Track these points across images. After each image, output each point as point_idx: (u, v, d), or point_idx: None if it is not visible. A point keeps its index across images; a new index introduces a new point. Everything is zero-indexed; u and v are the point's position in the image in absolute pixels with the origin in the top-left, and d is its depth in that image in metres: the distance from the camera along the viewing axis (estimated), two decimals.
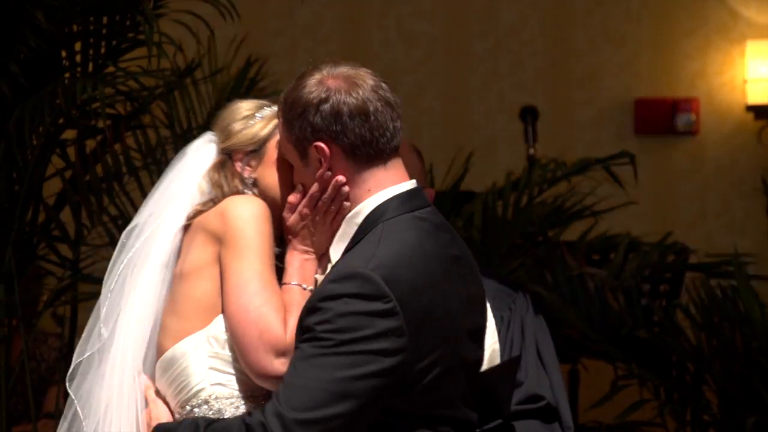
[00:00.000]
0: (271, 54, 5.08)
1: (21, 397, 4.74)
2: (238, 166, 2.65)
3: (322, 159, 2.54)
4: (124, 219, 4.60)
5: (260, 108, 2.70)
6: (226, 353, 2.55)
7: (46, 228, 4.48)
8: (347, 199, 2.55)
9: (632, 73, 6.80)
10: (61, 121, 4.35)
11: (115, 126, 4.48)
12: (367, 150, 2.53)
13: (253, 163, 2.64)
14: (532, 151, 5.25)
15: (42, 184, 4.43)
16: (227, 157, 2.67)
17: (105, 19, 4.41)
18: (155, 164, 4.61)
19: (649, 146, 6.69)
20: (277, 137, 2.63)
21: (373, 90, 2.56)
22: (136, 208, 4.63)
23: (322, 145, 2.53)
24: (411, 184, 2.59)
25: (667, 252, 4.76)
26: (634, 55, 6.80)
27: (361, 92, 2.55)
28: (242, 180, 2.64)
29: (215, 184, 2.64)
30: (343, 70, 2.61)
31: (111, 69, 4.39)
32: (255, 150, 2.65)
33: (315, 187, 2.56)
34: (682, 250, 4.80)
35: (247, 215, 2.56)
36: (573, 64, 6.81)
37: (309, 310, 2.45)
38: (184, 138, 4.68)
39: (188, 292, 2.59)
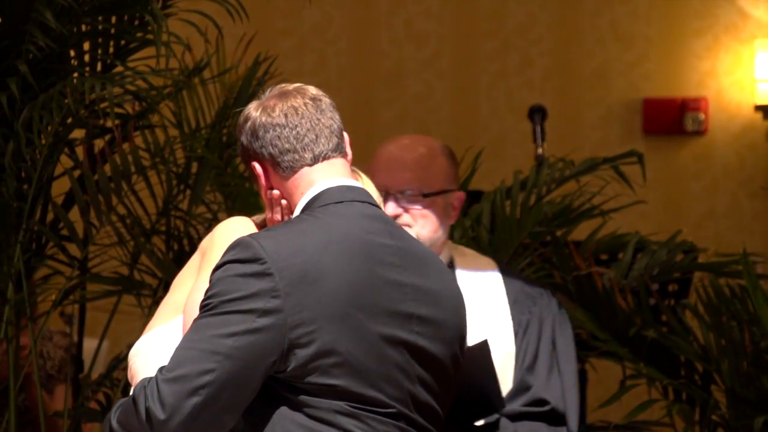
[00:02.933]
0: (280, 53, 5.07)
1: (28, 395, 4.75)
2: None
3: (260, 177, 2.67)
4: (132, 218, 4.60)
5: None
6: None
7: (54, 227, 4.48)
8: (291, 210, 2.66)
9: (641, 72, 6.79)
10: (69, 120, 4.35)
11: (123, 125, 4.48)
12: (290, 157, 2.64)
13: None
14: (540, 150, 5.23)
15: (50, 184, 4.43)
16: None
17: (113, 19, 4.42)
18: (163, 163, 4.61)
19: (657, 146, 6.69)
20: None
21: (294, 100, 2.69)
22: (144, 208, 4.66)
23: (255, 164, 2.67)
24: (346, 181, 2.65)
25: (675, 251, 4.74)
26: (643, 54, 6.79)
27: (278, 107, 2.67)
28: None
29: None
30: (274, 92, 2.73)
31: (119, 68, 4.39)
32: None
33: (267, 207, 2.70)
34: (691, 250, 4.79)
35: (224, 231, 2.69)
36: (581, 64, 6.81)
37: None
38: (192, 137, 4.69)
39: (168, 296, 2.68)
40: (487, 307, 3.56)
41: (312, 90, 2.73)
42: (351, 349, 2.49)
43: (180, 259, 4.48)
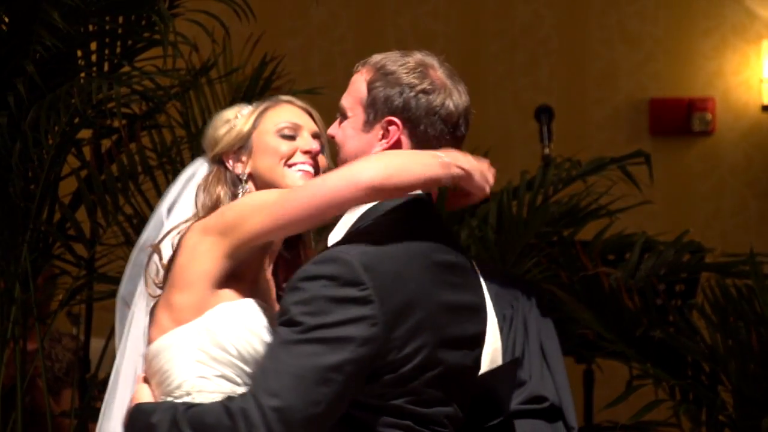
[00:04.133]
0: (287, 53, 5.08)
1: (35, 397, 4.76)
2: (230, 165, 2.77)
3: (386, 136, 2.57)
4: (139, 218, 4.60)
5: (239, 110, 2.84)
6: (214, 349, 2.56)
7: (61, 227, 4.49)
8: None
9: (648, 72, 6.79)
10: (76, 120, 4.36)
11: (130, 125, 4.49)
12: (423, 148, 2.57)
13: (243, 158, 2.75)
14: (547, 150, 5.23)
15: (58, 184, 4.44)
16: (220, 165, 2.79)
17: (120, 19, 4.42)
18: (170, 163, 4.61)
19: (664, 146, 6.68)
20: (260, 127, 2.77)
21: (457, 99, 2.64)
22: (151, 208, 4.65)
23: (398, 123, 2.57)
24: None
25: (682, 251, 4.73)
26: (650, 54, 6.79)
27: (453, 100, 2.62)
28: (234, 182, 2.75)
29: (211, 194, 2.75)
30: (446, 71, 2.66)
31: (126, 69, 4.40)
32: (242, 146, 2.77)
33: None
34: (698, 250, 4.78)
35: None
36: (588, 64, 6.80)
37: (290, 289, 2.46)
38: (199, 137, 4.69)
39: (183, 287, 2.63)
40: None
41: None
42: (427, 377, 2.50)
43: None
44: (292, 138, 2.73)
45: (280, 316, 2.47)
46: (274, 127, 2.74)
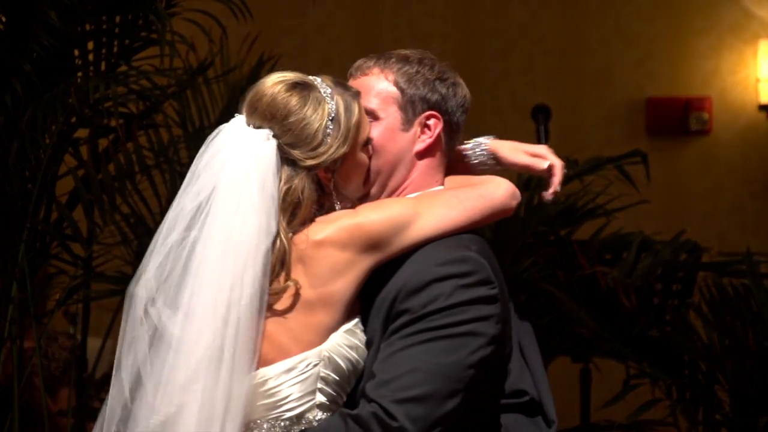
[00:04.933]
0: (284, 53, 5.08)
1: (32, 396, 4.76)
2: (323, 178, 2.55)
3: (427, 131, 2.60)
4: (136, 217, 4.60)
5: (337, 104, 2.55)
6: (334, 376, 2.48)
7: (58, 226, 4.49)
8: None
9: (644, 72, 6.79)
10: (73, 119, 4.36)
11: (127, 125, 4.49)
12: (451, 139, 2.64)
13: (338, 165, 2.56)
14: None
15: (55, 183, 4.44)
16: (309, 171, 2.54)
17: (118, 18, 4.42)
18: (167, 163, 4.61)
19: (661, 145, 6.69)
20: (353, 144, 2.56)
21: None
22: (148, 207, 4.67)
23: (438, 116, 2.61)
24: None
25: (679, 251, 4.74)
26: (647, 54, 6.79)
27: (467, 91, 2.70)
28: (332, 194, 2.57)
29: (309, 200, 2.52)
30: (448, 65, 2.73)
31: (123, 68, 4.40)
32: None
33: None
34: (695, 249, 4.79)
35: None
36: (585, 63, 6.81)
37: (412, 290, 2.43)
38: (196, 137, 4.69)
39: (329, 289, 2.47)
40: None
41: None
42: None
43: None
44: (370, 141, 2.62)
45: (393, 321, 2.44)
46: (363, 138, 2.58)
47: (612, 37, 6.80)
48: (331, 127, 2.52)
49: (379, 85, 2.61)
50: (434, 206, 2.52)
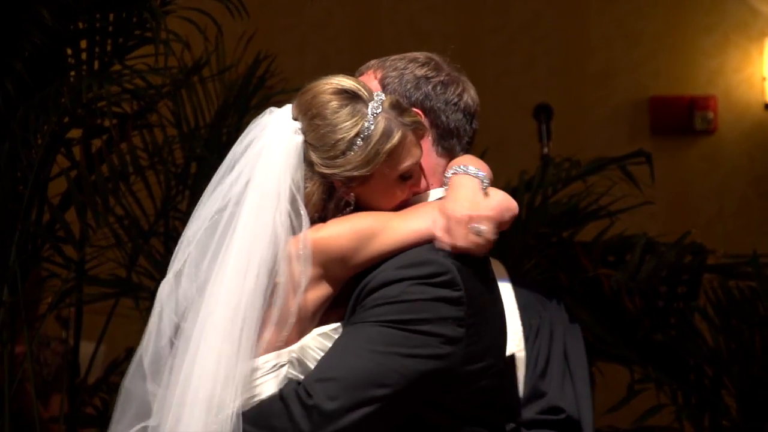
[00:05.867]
0: (280, 51, 5.07)
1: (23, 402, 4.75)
2: (343, 192, 2.55)
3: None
4: (130, 219, 4.59)
5: (368, 115, 2.54)
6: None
7: (50, 229, 4.47)
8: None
9: (648, 70, 6.78)
10: (66, 120, 4.35)
11: (121, 125, 4.47)
12: (446, 140, 2.62)
13: (353, 184, 2.55)
14: (546, 150, 5.23)
15: (47, 184, 4.42)
16: (323, 178, 2.55)
17: (111, 16, 4.41)
18: (162, 164, 4.60)
19: (665, 145, 6.68)
20: (383, 166, 2.53)
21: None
22: (142, 209, 4.65)
23: (420, 113, 2.59)
24: None
25: (684, 253, 4.74)
26: (650, 52, 6.78)
27: (469, 93, 2.70)
28: (344, 206, 2.57)
29: (317, 207, 2.55)
30: (454, 68, 2.75)
31: (117, 67, 4.39)
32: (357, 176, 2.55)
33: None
34: (700, 251, 4.78)
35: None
36: (587, 62, 6.80)
37: (370, 290, 2.45)
38: (191, 137, 4.68)
39: (289, 305, 2.50)
40: None
41: None
42: (496, 383, 2.52)
43: None
44: (408, 178, 2.59)
45: (350, 315, 2.46)
46: (398, 171, 2.55)
47: (614, 35, 6.78)
48: (359, 144, 2.52)
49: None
50: (409, 218, 2.52)
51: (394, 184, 2.56)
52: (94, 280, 4.60)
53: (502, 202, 2.56)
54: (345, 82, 2.56)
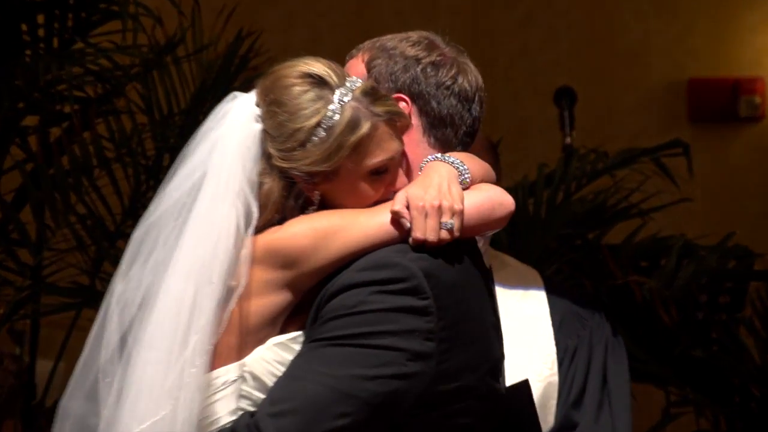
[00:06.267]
0: (265, 27, 5.08)
1: None
2: (305, 188, 2.55)
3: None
4: (94, 219, 4.60)
5: (336, 95, 2.53)
6: (259, 396, 2.48)
7: (2, 230, 4.48)
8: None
9: (686, 49, 6.79)
10: (21, 105, 4.36)
11: (83, 111, 4.48)
12: (439, 128, 2.61)
13: (317, 180, 2.54)
14: (568, 140, 5.24)
15: None
16: (281, 174, 2.55)
17: None
18: (130, 155, 4.61)
19: (705, 134, 6.69)
20: (351, 160, 2.53)
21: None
22: (108, 206, 4.66)
23: (406, 99, 2.60)
24: None
25: (727, 257, 4.75)
26: (688, 28, 6.79)
27: (466, 76, 2.66)
28: (306, 205, 2.57)
29: (277, 206, 2.55)
30: (453, 48, 2.71)
31: (79, 45, 4.40)
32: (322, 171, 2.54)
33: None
34: (746, 255, 4.79)
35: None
36: (616, 39, 6.81)
37: (328, 296, 2.44)
38: (163, 125, 4.69)
39: (238, 313, 2.52)
40: (527, 330, 3.56)
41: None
42: (476, 407, 2.50)
43: None
44: (383, 173, 2.57)
45: (310, 325, 2.45)
46: (368, 167, 2.54)
47: (648, 8, 6.80)
48: (320, 134, 2.51)
49: (352, 69, 2.62)
50: (378, 212, 2.51)
51: (365, 181, 2.55)
52: (53, 289, 4.61)
53: (490, 198, 2.55)
54: (314, 65, 2.55)
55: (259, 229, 2.53)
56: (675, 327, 4.54)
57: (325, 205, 2.56)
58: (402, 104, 2.59)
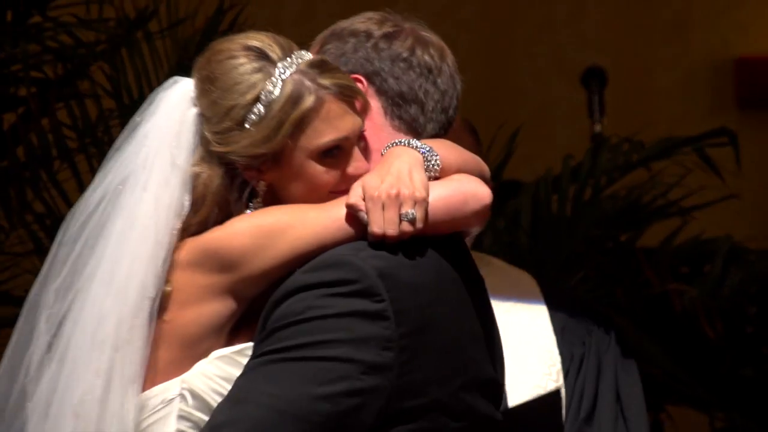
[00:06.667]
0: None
1: None
2: (248, 176, 2.55)
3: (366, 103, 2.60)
4: (53, 218, 4.60)
5: (275, 70, 2.54)
6: (201, 416, 2.49)
7: None
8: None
9: (732, 23, 6.80)
10: None
11: (41, 94, 4.48)
12: (401, 107, 2.60)
13: (263, 168, 2.55)
14: (598, 127, 5.24)
15: None
16: (220, 160, 2.56)
17: None
18: (96, 145, 4.61)
19: (755, 121, 6.69)
20: (296, 140, 2.54)
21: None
22: (69, 204, 4.64)
23: (361, 80, 2.59)
24: None
25: None
26: None
27: (426, 48, 2.66)
28: (250, 197, 2.57)
29: (217, 199, 2.55)
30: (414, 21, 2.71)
31: (37, 19, 4.40)
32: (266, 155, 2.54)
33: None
34: None
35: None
36: (653, 11, 6.82)
37: (273, 303, 2.43)
38: (133, 110, 4.68)
39: (174, 325, 2.52)
40: (522, 339, 3.58)
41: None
42: (450, 428, 2.47)
43: None
44: (336, 155, 2.56)
45: (257, 336, 2.44)
46: (316, 148, 2.53)
47: None
48: (259, 112, 2.51)
49: None
50: (331, 206, 2.50)
51: (315, 165, 2.54)
52: (6, 298, 4.61)
53: (460, 189, 2.52)
54: (256, 38, 2.56)
55: (199, 228, 2.53)
56: (721, 342, 4.54)
57: (274, 197, 2.55)
58: (358, 85, 2.59)
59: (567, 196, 4.77)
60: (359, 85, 2.57)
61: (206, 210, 2.54)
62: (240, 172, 2.54)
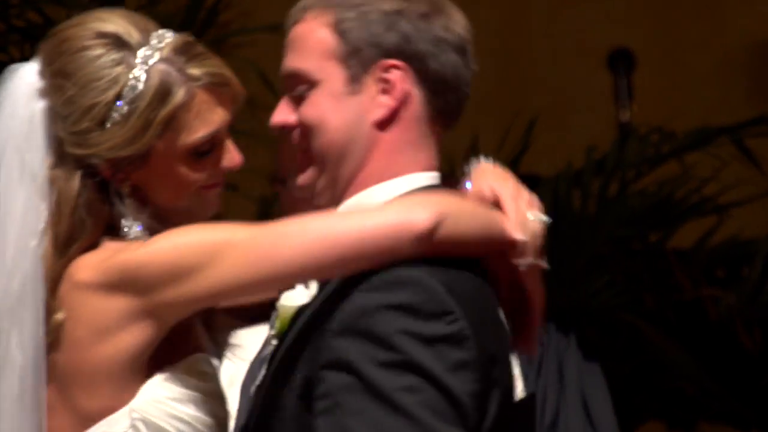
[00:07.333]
0: None
1: None
2: (107, 176, 2.53)
3: (389, 89, 2.54)
4: None
5: (130, 68, 2.52)
6: None
7: None
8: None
9: None
10: None
11: None
12: (442, 96, 2.58)
13: (127, 167, 2.53)
14: (625, 115, 5.26)
15: None
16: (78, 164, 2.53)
17: None
18: None
19: None
20: (164, 140, 2.52)
21: None
22: None
23: (400, 65, 2.54)
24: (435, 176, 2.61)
25: None
26: None
27: (456, 20, 2.62)
28: (119, 202, 2.55)
29: (93, 212, 2.51)
30: None
31: None
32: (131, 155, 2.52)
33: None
34: None
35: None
36: None
37: (336, 334, 2.35)
38: None
39: (92, 356, 2.48)
40: None
41: None
42: None
43: None
44: (208, 152, 2.56)
45: (318, 385, 2.35)
46: (187, 145, 2.52)
47: None
48: (123, 110, 2.49)
49: (310, 37, 2.57)
50: (290, 232, 2.41)
51: (184, 163, 2.54)
52: None
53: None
54: (109, 20, 2.55)
55: (78, 242, 2.49)
56: (759, 354, 4.56)
57: (139, 197, 2.53)
58: (395, 73, 2.57)
59: (590, 192, 4.78)
60: (397, 72, 2.52)
61: (68, 218, 2.50)
62: (100, 173, 2.50)
